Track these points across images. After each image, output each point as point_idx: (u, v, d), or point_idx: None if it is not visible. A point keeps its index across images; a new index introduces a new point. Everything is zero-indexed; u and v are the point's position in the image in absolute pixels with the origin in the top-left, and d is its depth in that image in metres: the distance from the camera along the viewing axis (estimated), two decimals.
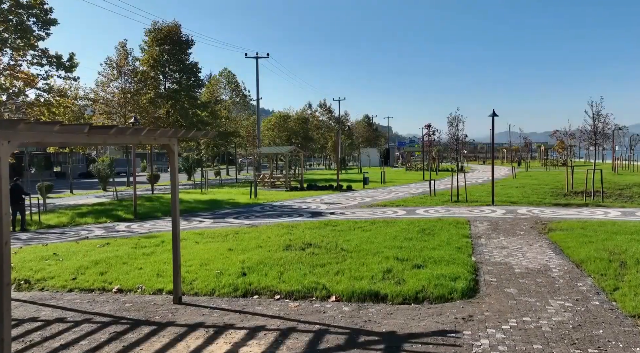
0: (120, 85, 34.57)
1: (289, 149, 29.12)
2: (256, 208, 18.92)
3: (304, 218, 15.33)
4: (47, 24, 23.63)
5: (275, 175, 31.41)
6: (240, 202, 20.99)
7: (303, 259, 8.94)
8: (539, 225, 12.81)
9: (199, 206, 19.39)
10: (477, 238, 11.18)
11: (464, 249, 9.73)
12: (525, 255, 9.28)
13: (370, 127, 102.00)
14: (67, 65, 24.57)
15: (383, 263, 8.50)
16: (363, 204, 19.30)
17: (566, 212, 15.35)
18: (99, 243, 11.22)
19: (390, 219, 14.34)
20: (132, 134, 5.47)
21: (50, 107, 25.09)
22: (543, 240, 10.80)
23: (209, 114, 44.36)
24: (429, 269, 8.03)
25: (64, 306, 6.89)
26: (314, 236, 11.31)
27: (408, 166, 52.96)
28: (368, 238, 10.92)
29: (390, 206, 18.09)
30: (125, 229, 14.10)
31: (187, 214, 17.13)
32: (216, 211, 18.09)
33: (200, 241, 11.23)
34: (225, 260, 9.10)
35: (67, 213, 17.48)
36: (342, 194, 23.89)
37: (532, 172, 41.64)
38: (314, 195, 23.81)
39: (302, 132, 63.98)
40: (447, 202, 18.88)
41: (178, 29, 40.89)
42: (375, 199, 21.20)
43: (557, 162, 53.30)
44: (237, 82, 52.43)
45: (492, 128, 17.64)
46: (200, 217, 16.37)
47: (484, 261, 8.84)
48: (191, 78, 41.43)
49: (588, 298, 6.62)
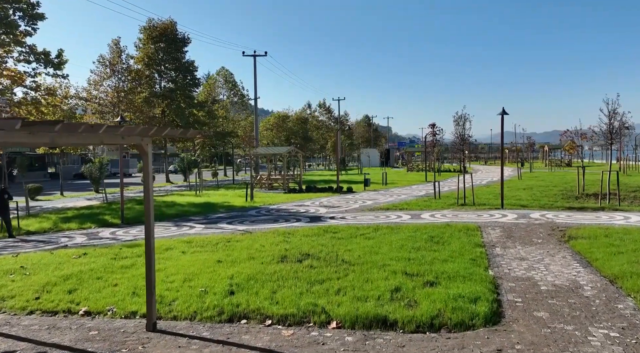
0: (114, 84, 33.56)
1: (287, 150, 28.08)
2: (252, 211, 17.91)
3: (302, 223, 14.32)
4: (34, 19, 22.63)
5: (273, 176, 30.39)
6: (236, 205, 19.97)
7: (299, 273, 7.93)
8: (556, 232, 11.80)
9: (192, 210, 18.37)
10: (491, 247, 10.17)
11: (479, 261, 8.72)
12: (548, 268, 8.27)
13: (370, 127, 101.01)
14: (55, 62, 23.58)
15: (390, 279, 7.48)
16: (364, 207, 18.29)
17: (582, 216, 14.33)
18: (75, 254, 10.19)
19: (395, 225, 13.33)
20: (88, 132, 4.47)
21: (39, 106, 24.08)
22: (565, 249, 9.79)
23: (206, 114, 43.40)
24: (444, 286, 7.02)
25: (17, 334, 5.87)
26: (312, 246, 10.30)
27: (409, 166, 51.95)
28: (372, 248, 9.91)
29: (393, 210, 17.08)
30: (109, 236, 13.08)
31: (178, 219, 16.12)
32: (209, 215, 17.08)
33: (188, 251, 10.21)
34: (212, 274, 8.08)
35: (51, 218, 16.46)
36: (342, 197, 22.89)
37: (537, 173, 40.64)
38: (313, 198, 22.79)
39: (302, 132, 63.00)
40: (453, 205, 17.87)
41: (174, 27, 39.98)
42: (377, 202, 20.19)
43: (560, 162, 52.32)
44: (235, 82, 51.41)
45: (502, 127, 16.63)
46: (192, 222, 15.36)
47: (504, 276, 7.83)
48: (187, 77, 40.49)
49: (636, 325, 5.61)
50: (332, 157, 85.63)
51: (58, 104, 25.16)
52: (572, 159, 58.90)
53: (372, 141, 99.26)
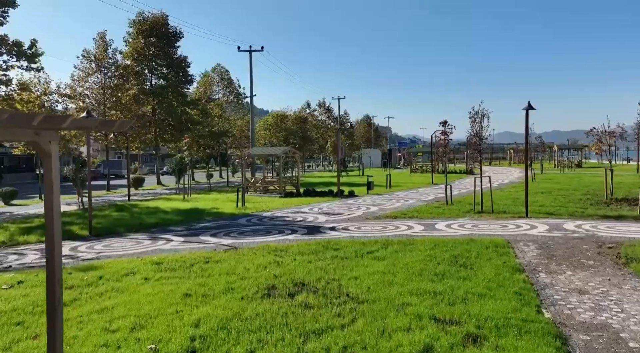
0: (100, 80, 31.46)
1: (282, 151, 25.93)
2: (242, 220, 15.84)
3: (298, 235, 12.26)
4: (3, 6, 20.54)
5: (269, 179, 28.27)
6: (225, 212, 17.89)
7: (290, 318, 5.86)
8: (605, 249, 9.73)
9: (174, 219, 16.29)
10: (533, 272, 8.09)
11: (526, 296, 6.65)
12: (623, 308, 6.20)
13: (370, 127, 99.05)
14: (29, 54, 21.50)
15: (415, 330, 5.41)
16: (369, 215, 16.23)
17: (627, 228, 12.25)
18: (9, 281, 8.10)
19: (407, 238, 11.26)
20: None
21: (11, 101, 22.01)
22: (630, 276, 7.70)
23: (200, 112, 41.36)
24: (492, 345, 4.95)
25: None
26: (308, 270, 8.22)
27: (413, 168, 49.86)
28: (384, 274, 7.83)
29: (402, 218, 15.02)
30: (67, 252, 10.98)
31: (156, 230, 14.05)
32: (193, 224, 15.00)
33: (152, 278, 8.13)
34: (173, 318, 6.01)
35: (9, 229, 14.36)
36: (343, 202, 20.81)
37: (549, 174, 38.56)
38: (311, 203, 20.72)
39: (301, 132, 60.96)
40: (469, 213, 15.82)
41: (165, 20, 37.89)
42: (382, 208, 18.12)
43: (570, 163, 50.26)
44: (231, 79, 49.32)
45: (526, 124, 14.56)
46: (171, 233, 13.29)
47: (568, 322, 5.75)
48: (179, 73, 38.39)
49: None
50: (332, 157, 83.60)
51: (33, 101, 23.08)
52: (581, 160, 56.84)
53: (373, 141, 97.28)
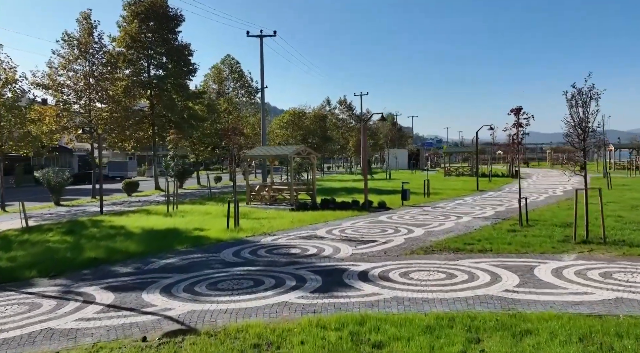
0: (82, 68, 26.82)
1: (293, 151, 20.61)
2: (227, 252, 10.71)
3: (305, 292, 7.10)
4: None
5: (277, 186, 23.05)
6: (209, 236, 12.81)
7: None
8: None
9: (130, 249, 11.23)
10: None
11: None
12: None
13: (394, 126, 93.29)
14: None
15: None
16: (415, 244, 10.97)
17: None
18: None
19: (506, 312, 5.95)
20: None
21: None
22: None
23: (205, 107, 36.59)
24: None
25: None
26: None
27: (447, 170, 44.17)
28: None
29: (469, 254, 9.71)
30: None
31: (88, 272, 9.04)
32: (151, 261, 9.94)
33: None
34: None
35: None
36: (373, 218, 15.58)
37: (619, 179, 32.41)
38: (329, 220, 15.51)
39: (320, 131, 55.85)
40: (566, 242, 10.46)
41: (164, 2, 33.23)
42: (430, 231, 12.84)
43: (629, 165, 43.87)
44: (242, 71, 44.45)
45: None
46: (103, 282, 8.24)
47: None
48: (180, 62, 33.67)
49: None
50: (353, 158, 78.33)
51: None
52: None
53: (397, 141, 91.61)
